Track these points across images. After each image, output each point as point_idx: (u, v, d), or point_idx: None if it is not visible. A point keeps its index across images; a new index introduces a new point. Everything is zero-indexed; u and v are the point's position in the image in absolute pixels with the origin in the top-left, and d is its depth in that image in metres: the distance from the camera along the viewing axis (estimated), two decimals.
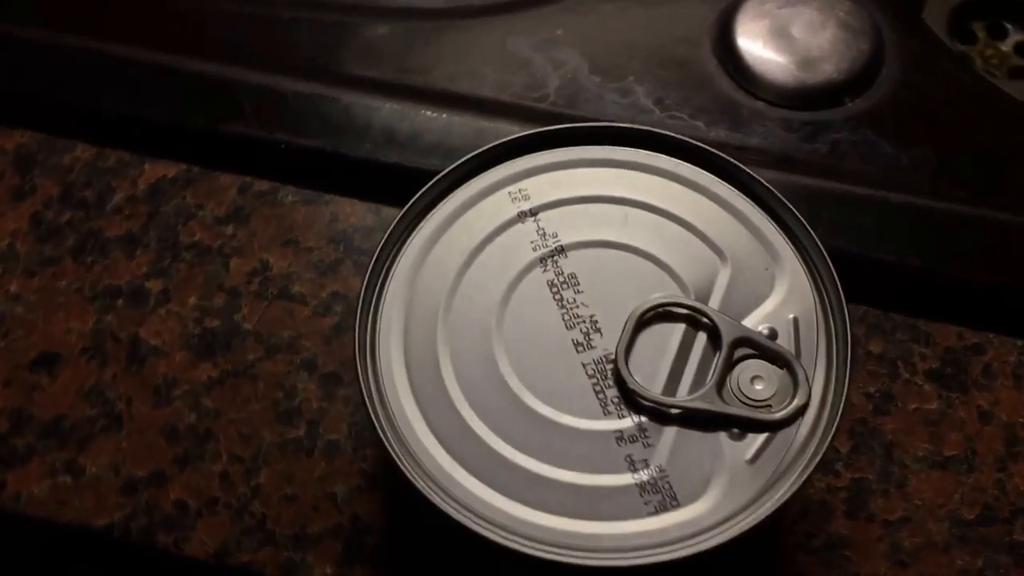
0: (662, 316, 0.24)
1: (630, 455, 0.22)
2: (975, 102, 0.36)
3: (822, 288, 0.24)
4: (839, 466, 0.28)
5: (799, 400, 0.22)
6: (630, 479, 0.22)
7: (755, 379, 0.23)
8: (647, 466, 0.22)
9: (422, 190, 0.25)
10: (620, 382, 0.23)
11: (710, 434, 0.22)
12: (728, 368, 0.23)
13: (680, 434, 0.22)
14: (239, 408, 0.29)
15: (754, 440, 0.22)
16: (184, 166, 0.34)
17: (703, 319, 0.24)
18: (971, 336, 0.30)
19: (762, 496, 0.21)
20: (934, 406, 0.29)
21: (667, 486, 0.22)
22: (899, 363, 0.30)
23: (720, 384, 0.23)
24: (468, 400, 0.23)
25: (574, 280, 0.24)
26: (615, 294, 0.24)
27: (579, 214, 0.25)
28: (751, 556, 0.21)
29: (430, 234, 0.25)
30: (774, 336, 0.23)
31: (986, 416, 0.29)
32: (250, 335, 0.31)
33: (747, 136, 0.34)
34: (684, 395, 0.23)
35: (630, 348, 0.23)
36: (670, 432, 0.22)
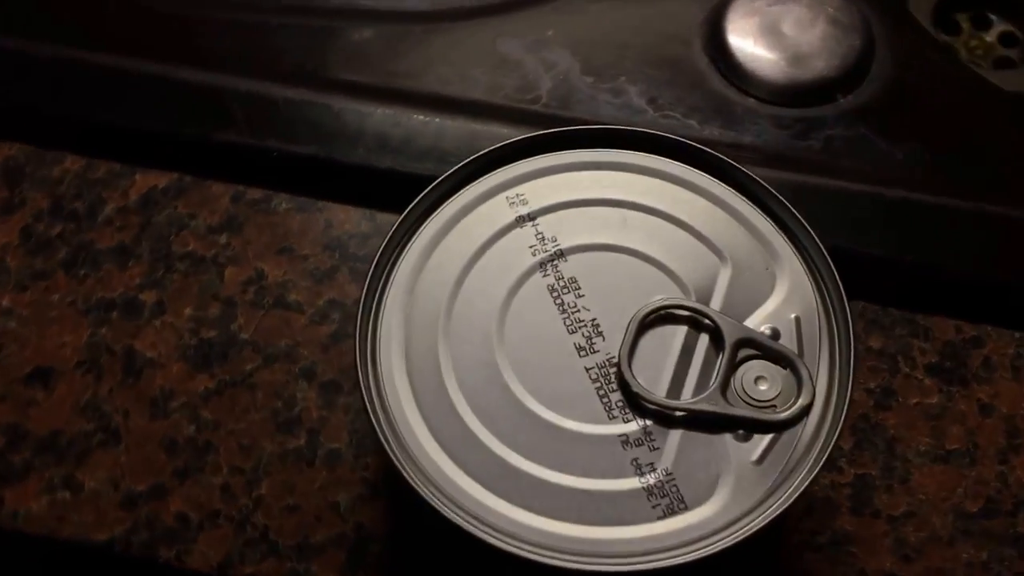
0: (664, 318, 0.24)
1: (636, 459, 0.22)
2: (966, 95, 0.36)
3: (823, 286, 0.24)
4: (842, 462, 0.28)
5: (803, 400, 0.22)
6: (637, 483, 0.22)
7: (759, 379, 0.23)
8: (653, 470, 0.22)
9: (419, 196, 0.25)
10: (624, 386, 0.23)
11: (715, 436, 0.22)
12: (731, 369, 0.23)
13: (685, 437, 0.22)
14: (238, 419, 0.29)
15: (760, 441, 0.22)
16: (175, 175, 0.34)
17: (705, 320, 0.24)
18: (969, 329, 0.30)
19: (770, 497, 0.21)
20: (935, 400, 0.29)
21: (674, 489, 0.22)
22: (899, 358, 0.30)
23: (724, 385, 0.23)
24: (471, 406, 0.23)
25: (574, 284, 0.24)
26: (616, 297, 0.24)
27: (578, 217, 0.25)
28: (757, 555, 0.21)
29: (428, 240, 0.25)
30: (776, 336, 0.23)
31: (987, 409, 0.29)
32: (247, 345, 0.30)
33: (740, 134, 0.34)
34: (688, 397, 0.23)
35: (633, 351, 0.23)
36: (675, 435, 0.22)
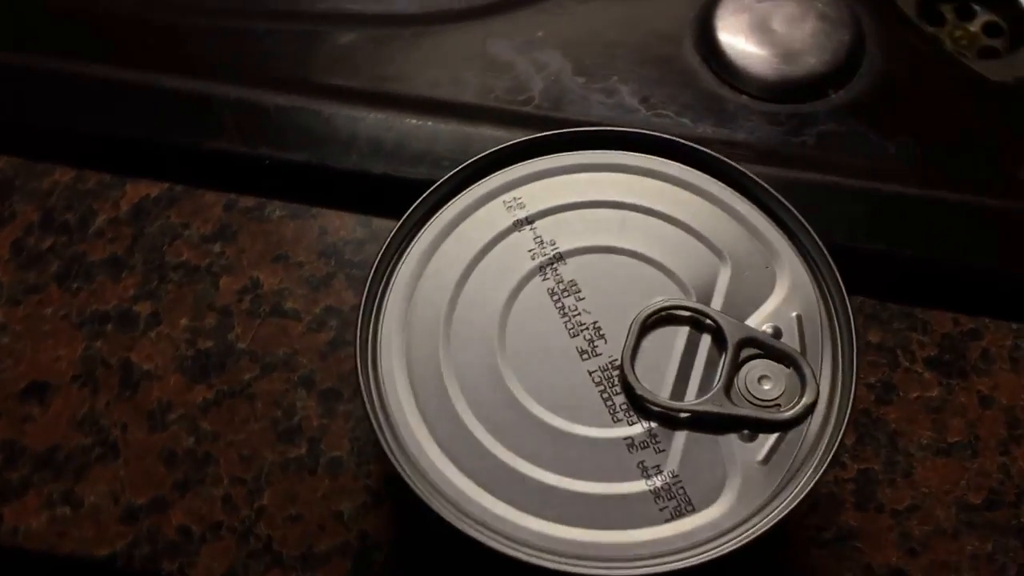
0: (665, 319, 0.24)
1: (642, 462, 0.22)
2: (955, 87, 0.36)
3: (823, 284, 0.24)
4: (845, 458, 0.28)
5: (807, 398, 0.22)
6: (644, 486, 0.22)
7: (762, 379, 0.23)
8: (660, 472, 0.22)
9: (416, 202, 0.25)
10: (628, 388, 0.23)
11: (721, 437, 0.22)
12: (735, 369, 0.23)
13: (691, 438, 0.22)
14: (238, 429, 0.29)
15: (765, 440, 0.22)
16: (167, 185, 0.34)
17: (706, 321, 0.24)
18: (967, 322, 0.30)
19: (777, 496, 0.21)
20: (935, 393, 0.29)
21: (681, 491, 0.22)
22: (898, 352, 0.30)
23: (728, 386, 0.23)
24: (475, 413, 0.23)
25: (575, 287, 0.24)
26: (617, 299, 0.24)
27: (576, 220, 0.25)
28: (763, 553, 0.21)
29: (427, 246, 0.25)
30: (778, 335, 0.23)
31: (987, 401, 0.29)
32: (245, 354, 0.30)
33: (734, 131, 0.34)
34: (692, 398, 0.23)
35: (635, 353, 0.23)
36: (681, 436, 0.22)
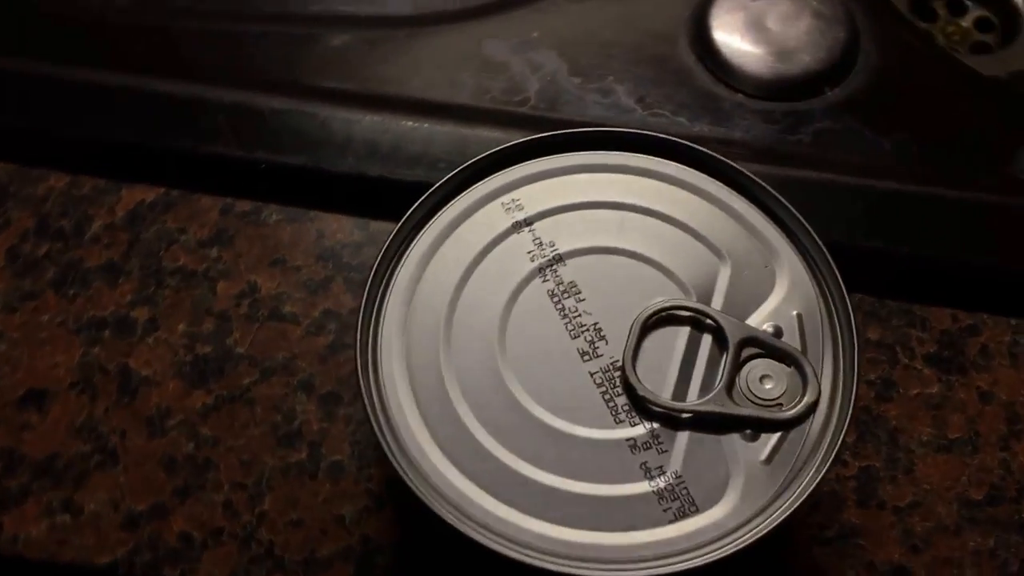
0: (666, 320, 0.24)
1: (645, 462, 0.22)
2: (949, 82, 0.36)
3: (822, 282, 0.24)
4: (846, 455, 0.28)
5: (809, 397, 0.22)
6: (647, 487, 0.22)
7: (764, 378, 0.23)
8: (663, 473, 0.22)
9: (414, 205, 0.25)
10: (629, 389, 0.23)
11: (723, 437, 0.22)
12: (736, 369, 0.23)
13: (693, 438, 0.22)
14: (237, 434, 0.29)
15: (768, 440, 0.22)
16: (162, 190, 0.33)
17: (707, 321, 0.24)
18: (965, 318, 0.30)
19: (780, 496, 0.21)
20: (935, 390, 0.29)
21: (685, 492, 0.22)
22: (897, 348, 0.30)
23: (730, 385, 0.23)
24: (476, 416, 0.23)
25: (574, 288, 0.24)
26: (617, 300, 0.24)
27: (574, 221, 0.25)
28: (766, 552, 0.21)
29: (426, 249, 0.25)
30: (779, 334, 0.23)
31: (986, 396, 0.29)
32: (243, 359, 0.30)
33: (730, 130, 0.34)
34: (694, 399, 0.23)
35: (636, 354, 0.23)
36: (683, 437, 0.22)
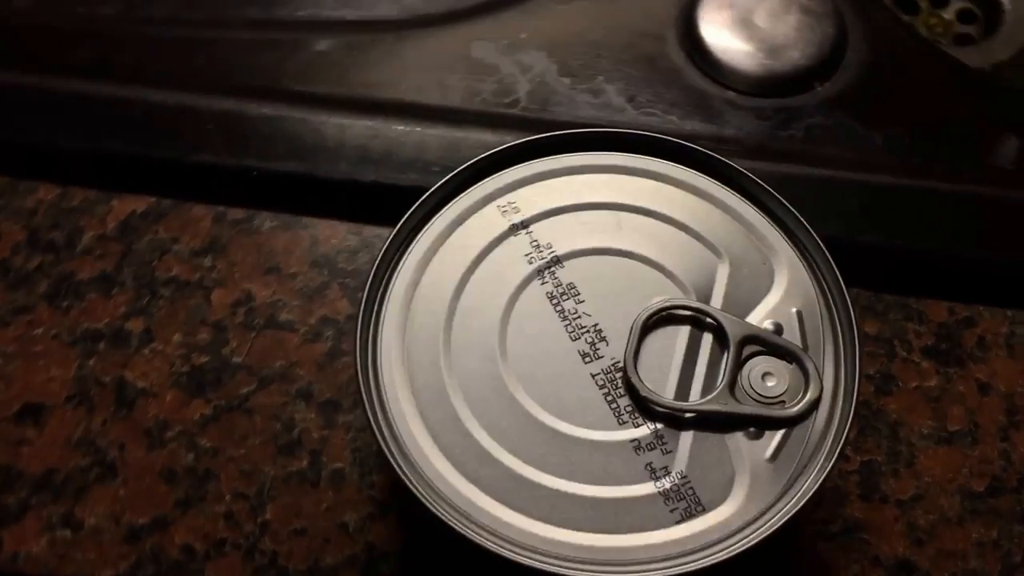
0: (666, 320, 0.24)
1: (650, 463, 0.22)
2: (938, 75, 0.36)
3: (821, 278, 0.24)
4: (848, 450, 0.28)
5: (812, 393, 0.22)
6: (653, 488, 0.22)
7: (766, 376, 0.23)
8: (668, 473, 0.22)
9: (410, 210, 0.25)
10: (632, 390, 0.23)
11: (727, 435, 0.22)
12: (738, 367, 0.23)
13: (697, 438, 0.22)
14: (237, 444, 0.29)
15: (771, 437, 0.22)
16: (154, 200, 0.33)
17: (707, 319, 0.24)
18: (962, 310, 0.30)
19: (786, 493, 0.21)
20: (934, 383, 0.29)
21: (691, 492, 0.22)
22: (895, 342, 0.30)
23: (732, 384, 0.23)
24: (479, 420, 0.23)
25: (573, 290, 0.24)
26: (616, 301, 0.24)
27: (571, 223, 0.25)
28: (771, 549, 0.21)
29: (422, 254, 0.25)
30: (779, 331, 0.23)
31: (985, 388, 0.29)
32: (241, 368, 0.30)
33: (722, 127, 0.34)
34: (697, 398, 0.23)
35: (638, 354, 0.23)
36: (687, 437, 0.22)
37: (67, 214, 0.33)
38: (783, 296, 0.24)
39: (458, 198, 0.26)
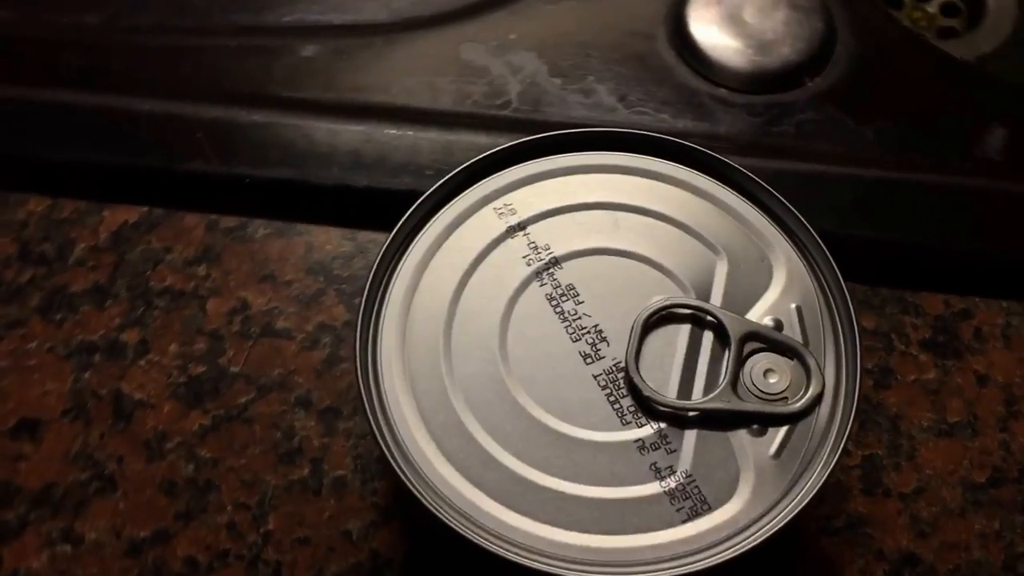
0: (666, 319, 0.24)
1: (654, 463, 0.22)
2: (927, 68, 0.36)
3: (819, 273, 0.24)
4: (849, 444, 0.28)
5: (814, 389, 0.22)
6: (658, 488, 0.22)
7: (768, 372, 0.23)
8: (673, 472, 0.22)
9: (406, 214, 0.25)
10: (634, 390, 0.23)
11: (731, 433, 0.22)
12: (739, 364, 0.23)
13: (701, 436, 0.22)
14: (237, 454, 0.29)
15: (775, 434, 0.22)
16: (145, 209, 0.33)
17: (708, 317, 0.24)
18: (958, 302, 0.30)
19: (792, 489, 0.21)
20: (932, 375, 0.29)
21: (696, 491, 0.22)
22: (893, 336, 0.30)
23: (734, 381, 0.23)
24: (482, 424, 0.23)
25: (572, 291, 0.24)
26: (616, 301, 0.24)
27: (568, 223, 0.25)
28: (776, 546, 0.21)
29: (419, 259, 0.25)
30: (780, 327, 0.23)
31: (983, 379, 0.29)
32: (239, 377, 0.30)
33: (714, 125, 0.34)
34: (699, 396, 0.23)
35: (639, 354, 0.23)
36: (691, 435, 0.22)
37: (58, 226, 0.33)
38: (782, 292, 0.24)
39: (454, 201, 0.25)
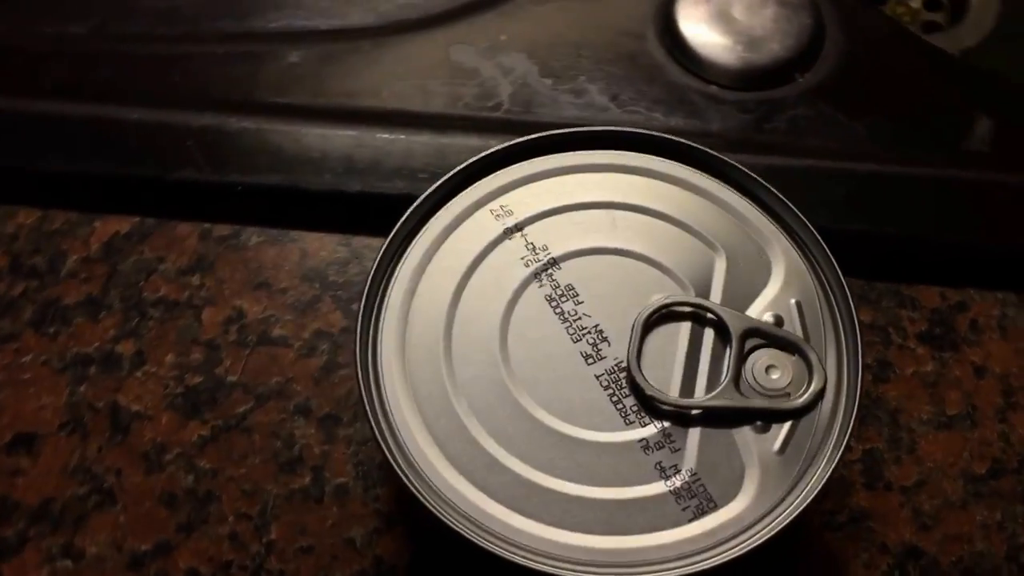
0: (666, 317, 0.24)
1: (659, 462, 0.22)
2: (916, 62, 0.36)
3: (818, 268, 0.24)
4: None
5: (816, 384, 0.22)
6: (663, 487, 0.22)
7: (769, 368, 0.23)
8: (678, 471, 0.22)
9: (402, 218, 0.25)
10: (636, 389, 0.23)
11: (735, 430, 0.22)
12: (741, 361, 0.23)
13: (705, 434, 0.22)
14: (237, 464, 0.28)
15: (779, 430, 0.22)
16: (137, 219, 0.33)
17: (708, 315, 0.24)
18: (953, 295, 0.31)
19: (797, 485, 0.21)
20: (930, 368, 0.29)
21: (702, 489, 0.22)
22: (890, 329, 0.30)
23: (736, 378, 0.23)
24: (485, 428, 0.23)
25: (572, 291, 0.24)
26: (616, 300, 0.24)
27: (565, 223, 0.25)
28: (780, 543, 0.21)
29: (416, 263, 0.25)
30: (780, 322, 0.23)
31: (980, 371, 0.29)
32: (236, 387, 0.30)
33: (706, 123, 0.34)
34: (702, 394, 0.23)
35: (640, 353, 0.23)
36: (695, 434, 0.22)
37: (49, 238, 0.33)
38: (781, 287, 0.24)
39: (449, 204, 0.25)
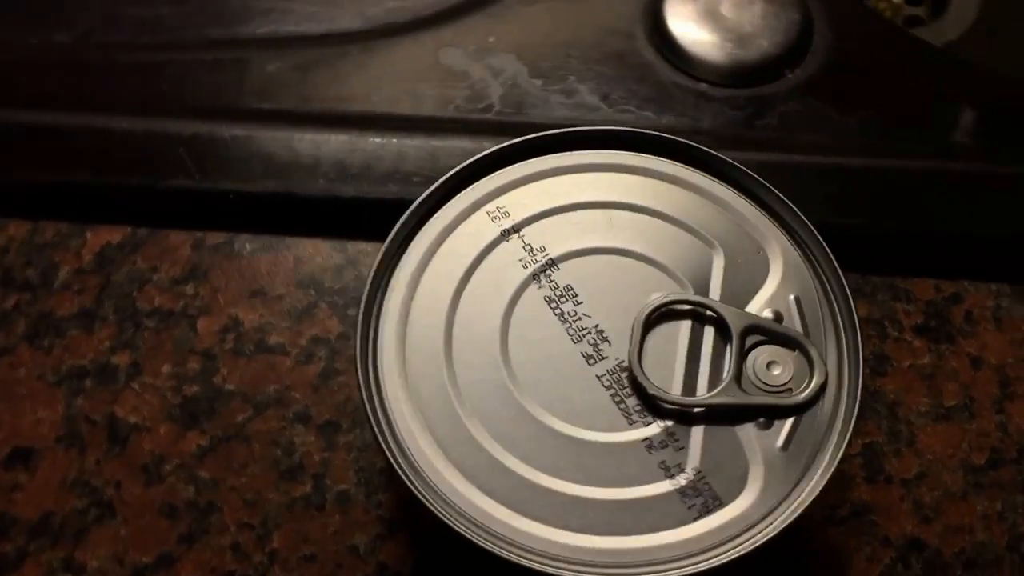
0: (666, 315, 0.24)
1: (664, 461, 0.22)
2: (903, 56, 0.36)
3: (816, 263, 0.24)
4: None
5: (817, 379, 0.23)
6: (669, 486, 0.22)
7: (771, 365, 0.23)
8: (682, 470, 0.22)
9: (399, 222, 0.25)
10: (639, 389, 0.23)
11: (738, 427, 0.22)
12: (742, 358, 0.23)
13: (709, 432, 0.22)
14: (238, 474, 0.28)
15: (781, 426, 0.22)
16: (129, 229, 0.33)
17: (708, 312, 0.24)
18: (948, 287, 0.31)
19: (802, 480, 0.22)
20: (926, 360, 0.30)
21: (707, 487, 0.22)
22: (886, 323, 0.30)
23: (738, 375, 0.23)
24: (488, 431, 0.22)
25: (571, 292, 0.24)
26: (615, 300, 0.24)
27: (563, 224, 0.25)
28: (783, 539, 0.21)
29: (414, 268, 0.24)
30: (780, 319, 0.24)
31: (977, 362, 0.30)
32: (234, 396, 0.29)
33: (697, 120, 0.34)
34: (704, 392, 0.23)
35: (641, 353, 0.23)
36: (698, 432, 0.22)
37: (40, 250, 0.32)
38: (780, 283, 0.24)
39: (445, 207, 0.25)
